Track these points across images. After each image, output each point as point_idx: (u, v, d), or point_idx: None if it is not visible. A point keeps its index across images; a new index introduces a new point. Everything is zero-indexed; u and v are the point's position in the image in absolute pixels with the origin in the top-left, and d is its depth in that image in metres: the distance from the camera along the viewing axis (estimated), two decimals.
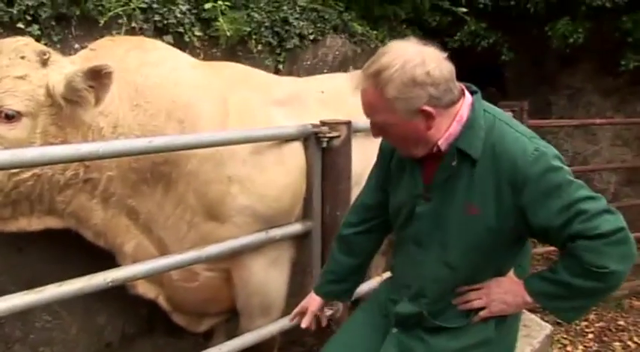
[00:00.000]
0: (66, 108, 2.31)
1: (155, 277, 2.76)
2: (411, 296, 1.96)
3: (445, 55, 1.72)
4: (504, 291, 1.88)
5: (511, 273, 1.95)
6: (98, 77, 2.25)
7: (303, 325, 2.21)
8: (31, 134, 2.27)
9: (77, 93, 2.27)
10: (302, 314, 2.26)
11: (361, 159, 3.07)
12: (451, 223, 1.81)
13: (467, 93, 1.81)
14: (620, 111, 6.63)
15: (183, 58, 2.84)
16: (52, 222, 2.55)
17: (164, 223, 2.67)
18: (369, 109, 1.76)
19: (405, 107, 1.68)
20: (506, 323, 1.96)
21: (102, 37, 2.93)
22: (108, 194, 2.53)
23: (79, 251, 2.95)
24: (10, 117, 2.22)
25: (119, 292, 3.23)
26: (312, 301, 2.24)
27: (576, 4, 5.87)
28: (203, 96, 2.67)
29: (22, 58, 2.27)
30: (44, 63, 2.32)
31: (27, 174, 2.28)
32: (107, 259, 2.68)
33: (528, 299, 1.84)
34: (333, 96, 3.27)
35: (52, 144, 2.27)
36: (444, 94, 1.70)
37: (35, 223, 2.50)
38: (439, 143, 1.76)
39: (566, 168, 1.73)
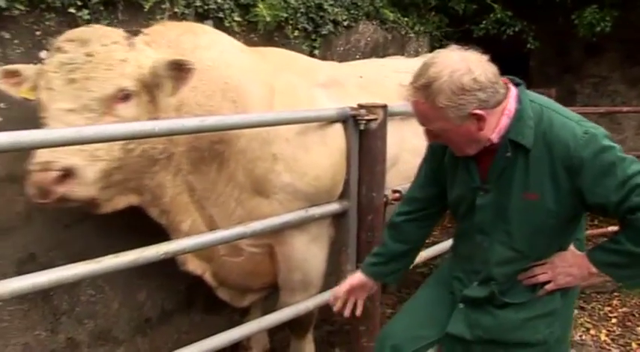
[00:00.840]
0: (151, 89, 2.44)
1: (204, 253, 2.87)
2: (480, 281, 2.06)
3: (487, 57, 1.82)
4: (569, 264, 1.97)
5: (572, 247, 2.03)
6: (179, 69, 2.39)
7: (347, 313, 2.34)
8: (138, 111, 2.40)
9: (158, 80, 2.40)
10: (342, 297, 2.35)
11: (396, 143, 3.16)
12: (512, 211, 1.91)
13: (511, 86, 1.90)
14: None
15: (231, 41, 2.94)
16: (134, 200, 2.65)
17: (215, 200, 2.78)
18: (422, 119, 1.88)
19: (457, 113, 1.78)
20: (568, 294, 2.06)
21: (146, 21, 3.04)
22: (177, 170, 2.66)
23: (122, 228, 3.08)
24: (127, 98, 2.36)
25: (160, 269, 3.35)
26: (357, 281, 2.34)
27: None
28: (252, 79, 2.78)
29: (115, 42, 2.39)
30: (131, 46, 2.45)
31: (138, 150, 2.43)
32: (149, 236, 2.78)
33: (594, 270, 1.93)
34: (371, 81, 3.38)
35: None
36: (491, 96, 1.79)
37: (122, 201, 2.61)
38: (491, 137, 1.86)
39: (617, 145, 1.82)
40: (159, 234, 2.73)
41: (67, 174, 2.17)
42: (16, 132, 1.83)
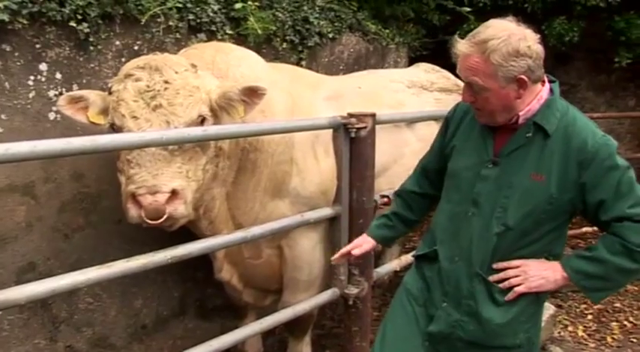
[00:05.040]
0: (217, 112, 2.59)
1: (232, 257, 3.09)
2: (462, 257, 2.14)
3: (538, 36, 1.96)
4: (544, 268, 2.07)
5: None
6: (252, 95, 2.56)
7: (357, 252, 2.48)
8: None
9: (230, 103, 2.56)
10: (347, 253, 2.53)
11: (385, 151, 3.31)
12: (515, 188, 2.02)
13: (547, 81, 2.06)
14: (613, 106, 6.91)
15: (254, 55, 3.11)
16: (193, 215, 2.66)
17: (244, 208, 2.95)
18: (470, 72, 1.97)
19: (506, 74, 1.91)
20: (541, 299, 2.16)
21: (142, 34, 3.13)
22: (224, 182, 2.83)
23: (118, 238, 3.16)
24: (203, 122, 2.52)
25: (155, 276, 3.44)
26: (365, 240, 2.52)
27: (572, 3, 6.10)
28: (276, 90, 2.94)
29: (186, 70, 2.53)
30: (196, 73, 2.59)
31: (210, 171, 2.61)
32: (145, 245, 2.83)
33: (565, 275, 2.04)
34: (369, 91, 3.58)
35: None
36: (537, 69, 1.94)
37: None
38: (520, 114, 1.99)
39: (627, 163, 1.98)
40: (154, 242, 2.79)
41: (174, 195, 2.33)
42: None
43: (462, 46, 1.96)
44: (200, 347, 2.57)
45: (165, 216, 2.29)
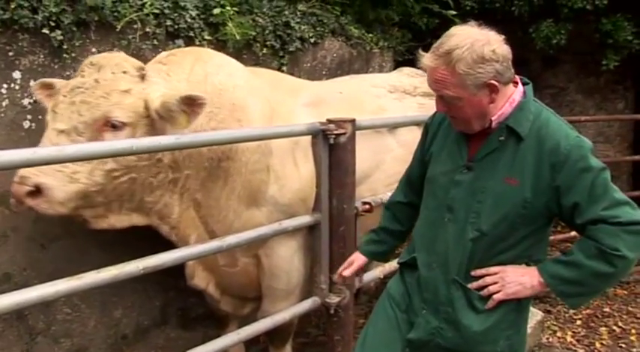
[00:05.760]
0: (157, 122, 2.54)
1: (207, 264, 3.06)
2: (439, 264, 2.11)
3: (503, 37, 1.94)
4: (521, 274, 2.03)
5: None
6: (192, 105, 2.49)
7: (347, 273, 2.50)
8: None
9: (170, 114, 2.50)
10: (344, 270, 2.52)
11: (367, 158, 3.28)
12: (488, 192, 1.99)
13: (520, 83, 2.03)
14: (602, 109, 6.88)
15: (235, 63, 3.08)
16: (138, 220, 2.79)
17: (218, 216, 2.90)
18: (439, 85, 1.94)
19: (474, 82, 1.88)
20: (522, 305, 2.12)
21: (118, 41, 3.09)
22: (184, 190, 2.80)
23: (96, 248, 3.11)
24: (116, 127, 2.46)
25: (135, 286, 3.40)
26: (357, 257, 2.52)
27: (558, 6, 6.07)
28: (255, 98, 2.93)
29: (125, 72, 2.51)
30: (142, 77, 2.56)
31: (125, 178, 2.53)
32: (125, 254, 2.81)
33: (542, 280, 2.00)
34: (351, 96, 3.55)
35: None
36: (506, 71, 1.92)
37: (123, 220, 2.74)
38: (492, 119, 1.97)
39: (600, 163, 1.94)
40: (134, 252, 2.74)
41: (38, 190, 2.37)
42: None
43: (427, 60, 1.93)
44: None
45: (26, 207, 2.40)
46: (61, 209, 2.46)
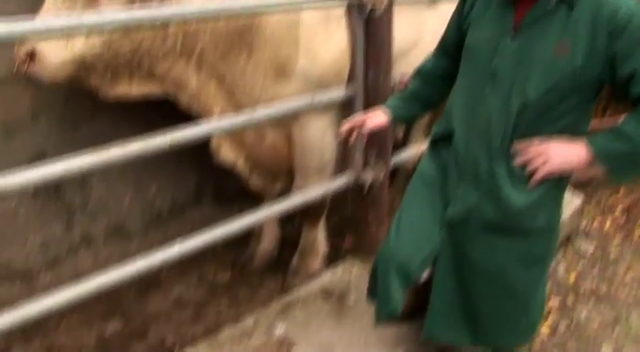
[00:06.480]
0: None
1: (235, 139, 3.03)
2: (479, 137, 2.01)
3: None
4: (567, 146, 1.91)
5: None
6: None
7: (369, 124, 2.33)
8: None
9: None
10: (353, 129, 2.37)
11: (404, 35, 3.09)
12: (536, 61, 1.85)
13: None
14: None
15: None
16: (154, 88, 2.77)
17: (244, 88, 2.80)
18: None
19: None
20: (563, 183, 2.04)
21: None
22: (202, 61, 2.70)
23: (131, 127, 3.03)
24: None
25: (168, 164, 3.38)
26: (376, 114, 2.36)
27: None
28: None
29: None
30: None
31: (126, 46, 2.51)
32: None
33: (590, 157, 1.88)
34: None
35: None
36: None
37: (137, 89, 2.74)
38: None
39: None
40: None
41: (32, 56, 2.45)
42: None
43: None
44: (218, 230, 2.54)
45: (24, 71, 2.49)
46: (56, 74, 2.50)
